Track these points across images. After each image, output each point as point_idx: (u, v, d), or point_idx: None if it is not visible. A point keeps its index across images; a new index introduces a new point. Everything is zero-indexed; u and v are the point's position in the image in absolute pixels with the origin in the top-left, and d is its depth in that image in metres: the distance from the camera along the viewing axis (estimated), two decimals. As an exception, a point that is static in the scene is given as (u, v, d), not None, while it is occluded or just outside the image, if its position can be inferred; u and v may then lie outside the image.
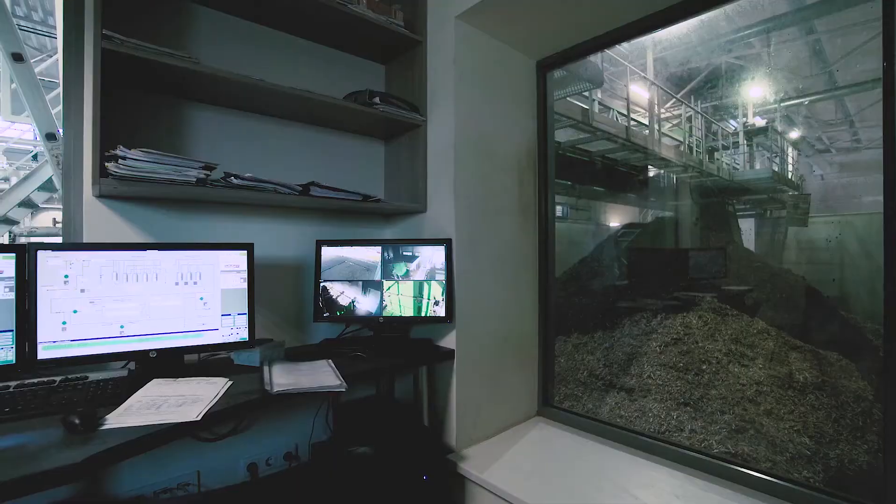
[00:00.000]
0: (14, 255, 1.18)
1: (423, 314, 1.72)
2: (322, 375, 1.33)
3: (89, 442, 0.93)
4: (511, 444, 1.84)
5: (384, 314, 1.73)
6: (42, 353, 1.20)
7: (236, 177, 1.38)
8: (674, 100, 8.59)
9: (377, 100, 1.75)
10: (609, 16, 1.78)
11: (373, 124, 1.93)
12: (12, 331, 1.17)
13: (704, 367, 3.77)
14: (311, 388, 1.23)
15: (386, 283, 1.74)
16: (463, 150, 1.82)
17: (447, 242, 1.74)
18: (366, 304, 1.73)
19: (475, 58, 1.88)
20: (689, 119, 8.35)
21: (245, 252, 1.44)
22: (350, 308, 1.73)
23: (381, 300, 1.74)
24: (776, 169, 8.46)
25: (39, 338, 1.19)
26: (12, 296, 1.17)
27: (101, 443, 0.93)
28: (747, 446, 3.04)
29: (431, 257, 1.73)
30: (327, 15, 1.70)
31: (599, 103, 7.12)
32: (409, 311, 1.72)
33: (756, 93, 8.46)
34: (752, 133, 8.82)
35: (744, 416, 3.28)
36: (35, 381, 1.17)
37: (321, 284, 1.74)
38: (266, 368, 1.37)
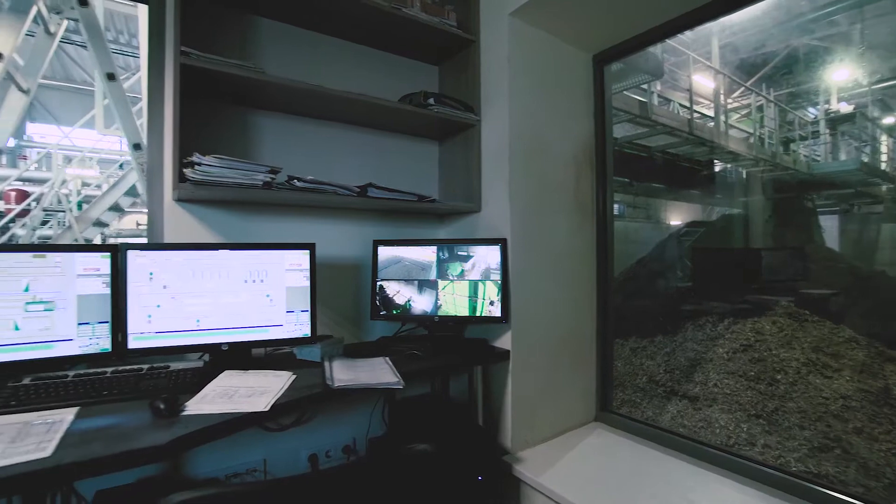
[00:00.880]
0: (109, 254, 1.30)
1: (477, 314, 1.72)
2: (380, 372, 1.36)
3: (173, 426, 1.01)
4: (568, 448, 1.80)
5: (439, 313, 1.74)
6: (132, 343, 1.31)
7: (299, 179, 1.45)
8: (742, 88, 8.00)
9: (431, 101, 1.77)
10: (670, 3, 1.69)
11: (427, 125, 1.95)
12: (108, 322, 1.29)
13: (779, 377, 3.48)
14: (370, 385, 1.26)
15: (441, 283, 1.75)
16: (518, 149, 1.79)
17: (502, 242, 1.73)
18: (421, 303, 1.76)
19: (529, 54, 1.85)
20: (760, 108, 7.74)
21: (307, 252, 1.50)
22: (406, 307, 1.76)
23: (437, 299, 1.75)
24: (866, 160, 7.63)
25: (129, 329, 1.31)
26: (108, 291, 1.30)
27: (183, 427, 1.00)
28: (832, 467, 2.76)
29: (486, 257, 1.72)
30: (382, 19, 1.73)
31: (659, 95, 6.79)
32: (463, 311, 1.73)
33: (841, 76, 7.66)
34: (836, 121, 7.99)
35: (828, 433, 2.99)
36: (126, 368, 1.29)
37: (378, 283, 1.78)
38: (327, 364, 1.42)
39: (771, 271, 5.15)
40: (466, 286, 1.74)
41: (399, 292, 1.77)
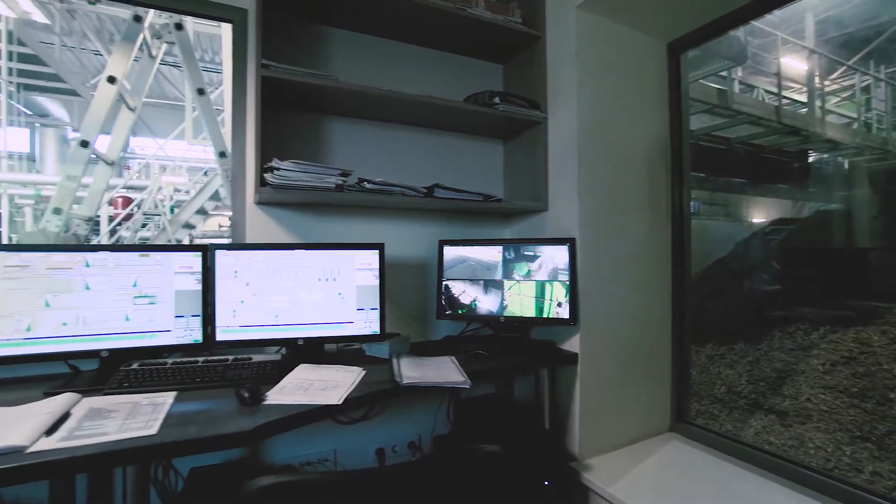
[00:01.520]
0: (200, 253, 1.42)
1: (544, 315, 1.68)
2: (447, 371, 1.37)
3: (256, 414, 1.08)
4: (640, 459, 1.70)
5: (505, 314, 1.73)
6: (219, 336, 1.43)
7: (369, 181, 1.50)
8: (844, 68, 7.13)
9: (497, 99, 1.76)
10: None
11: (492, 124, 1.94)
12: (200, 316, 1.41)
13: (893, 396, 3.07)
14: (437, 383, 1.27)
15: (507, 283, 1.73)
16: (587, 145, 1.73)
17: (570, 242, 1.67)
18: (487, 303, 1.75)
19: (599, 47, 1.77)
20: (867, 89, 6.85)
21: (377, 251, 1.55)
22: (471, 307, 1.76)
23: (502, 300, 1.73)
24: None
25: (217, 322, 1.42)
26: (199, 287, 1.42)
27: (265, 415, 1.07)
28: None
29: (554, 257, 1.68)
30: (446, 21, 1.75)
31: (740, 82, 6.25)
32: (530, 312, 1.69)
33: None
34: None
35: (955, 464, 2.59)
36: (214, 358, 1.40)
37: (443, 283, 1.79)
38: (395, 361, 1.46)
39: (881, 274, 4.53)
40: (533, 287, 1.70)
41: (464, 292, 1.77)
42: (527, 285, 1.71)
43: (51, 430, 0.95)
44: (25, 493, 1.38)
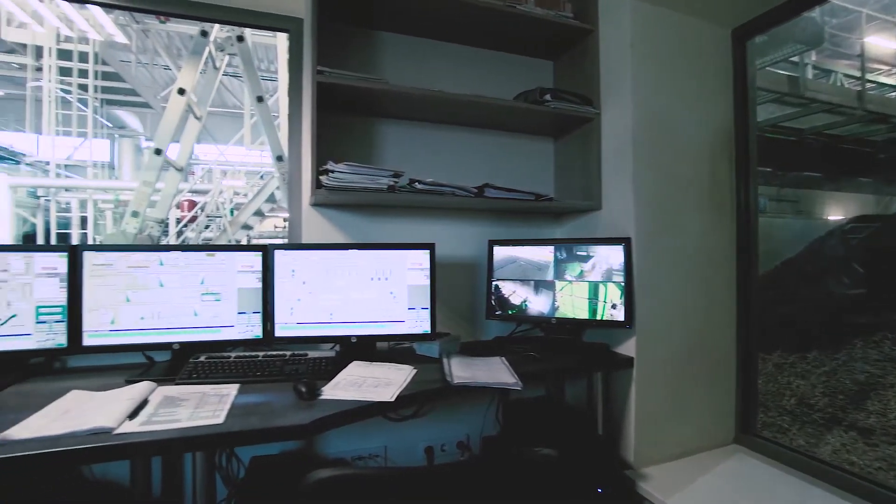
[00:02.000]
0: (261, 253, 1.50)
1: (598, 317, 1.62)
2: (498, 372, 1.36)
3: (312, 408, 1.12)
4: (702, 471, 1.61)
5: (556, 315, 1.69)
6: (278, 332, 1.49)
7: (420, 182, 1.52)
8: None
9: (548, 97, 1.72)
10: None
11: (542, 122, 1.91)
12: (260, 312, 1.48)
13: None
14: (488, 384, 1.26)
15: (558, 284, 1.70)
16: (643, 141, 1.66)
17: (626, 242, 1.61)
18: (538, 304, 1.72)
19: (655, 37, 1.70)
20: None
21: (427, 251, 1.56)
22: (522, 307, 1.74)
23: (554, 301, 1.70)
24: None
25: (276, 319, 1.49)
26: (259, 285, 1.49)
27: (321, 410, 1.10)
28: None
29: (608, 257, 1.62)
30: (496, 19, 1.73)
31: (814, 67, 5.74)
32: (583, 314, 1.65)
33: None
34: None
35: None
36: (273, 353, 1.46)
37: (493, 283, 1.78)
38: (445, 360, 1.46)
39: None
40: (586, 288, 1.65)
41: (515, 292, 1.75)
42: (579, 286, 1.66)
43: (133, 415, 1.04)
44: (111, 471, 1.51)
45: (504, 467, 0.97)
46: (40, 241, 7.23)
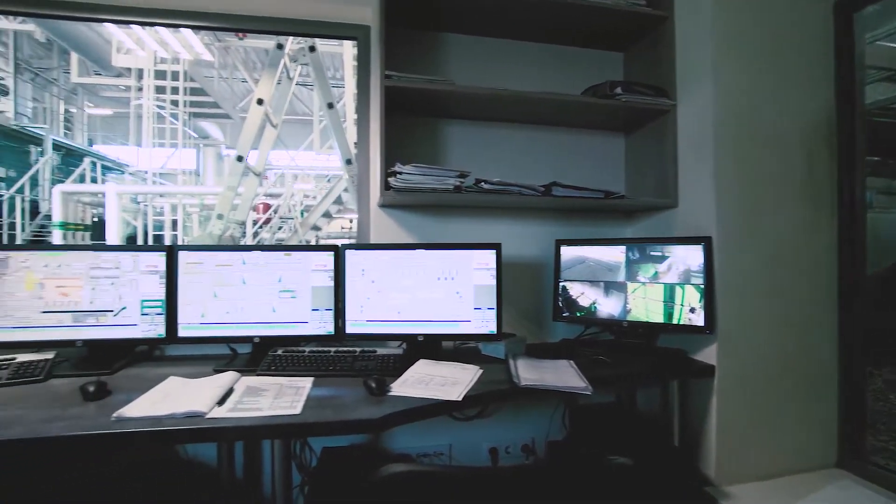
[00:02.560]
0: (333, 253, 1.56)
1: (674, 322, 1.53)
2: (566, 375, 1.32)
3: (382, 403, 1.15)
4: (797, 496, 1.46)
5: (628, 318, 1.61)
6: (349, 329, 1.55)
7: (486, 182, 1.51)
8: None
9: (619, 90, 1.65)
10: None
11: (612, 117, 1.83)
12: (332, 309, 1.55)
13: None
14: (556, 387, 1.23)
15: (630, 286, 1.62)
16: (726, 133, 1.54)
17: (706, 241, 1.50)
18: (608, 307, 1.65)
19: (739, 18, 1.56)
20: None
21: (494, 251, 1.55)
22: (590, 309, 1.68)
23: (625, 303, 1.62)
24: None
25: (347, 316, 1.55)
26: (332, 284, 1.55)
27: (390, 406, 1.13)
28: None
29: (686, 258, 1.52)
30: (565, 12, 1.69)
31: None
32: (657, 318, 1.56)
33: None
34: None
35: None
36: (344, 349, 1.52)
37: (561, 284, 1.74)
38: (511, 361, 1.44)
39: None
40: (661, 290, 1.56)
41: (583, 294, 1.69)
42: (653, 288, 1.57)
43: (221, 402, 1.12)
44: (201, 451, 1.65)
45: (576, 474, 0.93)
46: (139, 242, 8.07)
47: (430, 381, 1.29)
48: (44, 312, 1.44)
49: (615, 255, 1.65)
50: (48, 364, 1.35)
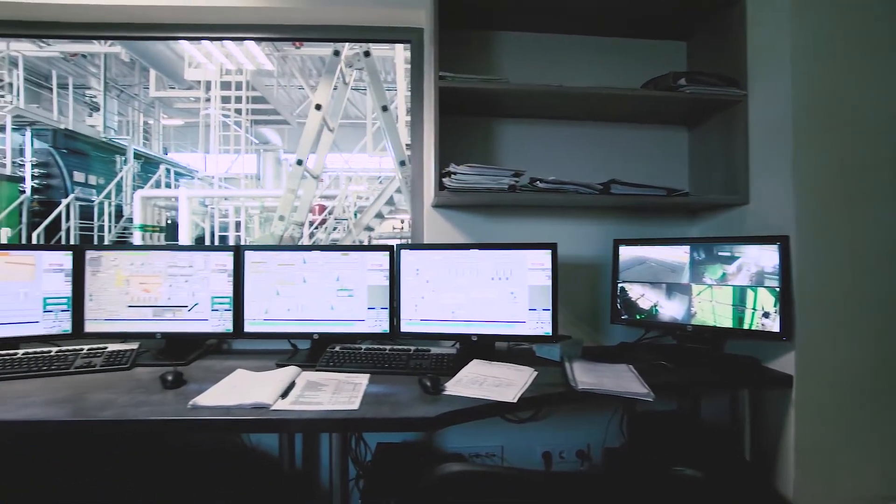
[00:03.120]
0: (388, 253, 1.59)
1: (745, 327, 1.42)
2: (626, 381, 1.26)
3: (437, 402, 1.15)
4: (890, 521, 1.32)
5: (693, 322, 1.52)
6: (403, 327, 1.58)
7: (541, 181, 1.48)
8: None
9: (682, 81, 1.56)
10: None
11: (674, 110, 1.74)
12: (387, 308, 1.58)
13: None
14: (616, 392, 1.18)
15: (696, 288, 1.52)
16: (806, 124, 1.41)
17: (782, 240, 1.39)
18: (670, 310, 1.57)
19: (825, -2, 1.43)
20: None
21: (549, 251, 1.52)
22: (651, 312, 1.60)
23: (690, 306, 1.53)
24: None
25: (402, 315, 1.58)
26: (387, 283, 1.59)
27: (445, 405, 1.13)
28: None
29: (759, 259, 1.41)
30: (626, 2, 1.62)
31: None
32: (726, 322, 1.46)
33: None
34: None
35: None
36: (399, 347, 1.54)
37: (619, 285, 1.67)
38: (567, 364, 1.41)
39: None
40: (730, 292, 1.46)
41: (643, 296, 1.62)
42: (721, 291, 1.48)
43: (284, 394, 1.18)
44: (264, 441, 1.74)
45: (640, 483, 0.89)
46: (206, 242, 8.65)
47: (484, 381, 1.28)
48: (129, 307, 1.58)
49: (678, 255, 1.56)
50: (133, 354, 1.48)
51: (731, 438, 1.59)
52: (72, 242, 6.78)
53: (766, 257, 1.40)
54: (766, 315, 1.39)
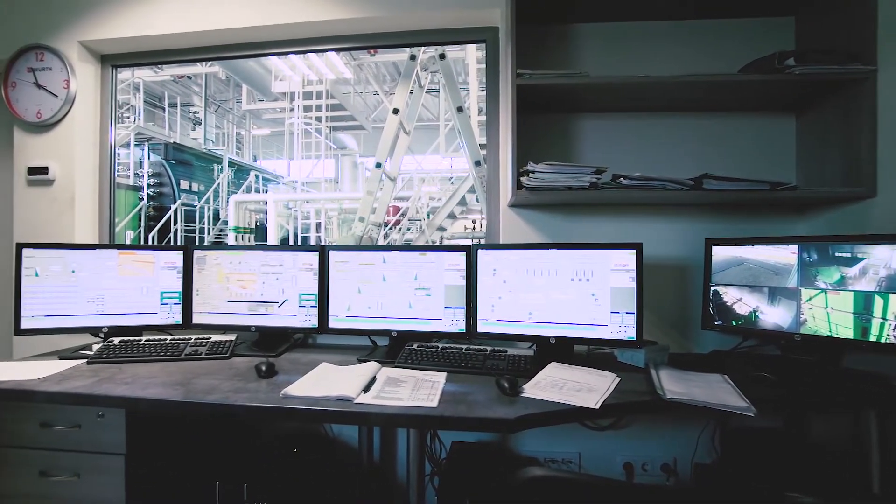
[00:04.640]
0: (465, 253, 1.60)
1: (871, 338, 1.24)
2: (721, 392, 1.16)
3: (514, 404, 1.14)
4: None
5: (802, 331, 1.36)
6: (480, 327, 1.57)
7: (625, 177, 1.41)
8: None
9: (791, 61, 1.40)
10: None
11: (779, 95, 1.57)
12: (464, 308, 1.59)
13: None
14: (711, 404, 1.09)
15: (806, 293, 1.36)
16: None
17: (920, 239, 1.20)
18: (773, 316, 1.41)
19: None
20: None
21: (634, 252, 1.44)
22: (750, 318, 1.46)
23: (798, 313, 1.37)
24: None
25: (479, 315, 1.57)
26: (464, 283, 1.59)
27: (523, 407, 1.11)
28: None
29: (890, 260, 1.23)
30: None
31: None
32: (845, 332, 1.28)
33: None
34: None
35: None
36: (475, 347, 1.54)
37: (712, 288, 1.54)
38: (654, 371, 1.32)
39: None
40: (850, 299, 1.28)
41: (740, 300, 1.48)
42: (839, 297, 1.30)
43: (366, 389, 1.22)
44: (345, 432, 1.82)
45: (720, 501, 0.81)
46: (290, 243, 9.28)
47: (564, 385, 1.24)
48: (229, 301, 1.73)
49: (783, 255, 1.40)
50: (231, 344, 1.63)
51: (851, 466, 1.40)
52: (180, 243, 7.62)
53: (897, 259, 1.22)
54: (897, 325, 1.21)
